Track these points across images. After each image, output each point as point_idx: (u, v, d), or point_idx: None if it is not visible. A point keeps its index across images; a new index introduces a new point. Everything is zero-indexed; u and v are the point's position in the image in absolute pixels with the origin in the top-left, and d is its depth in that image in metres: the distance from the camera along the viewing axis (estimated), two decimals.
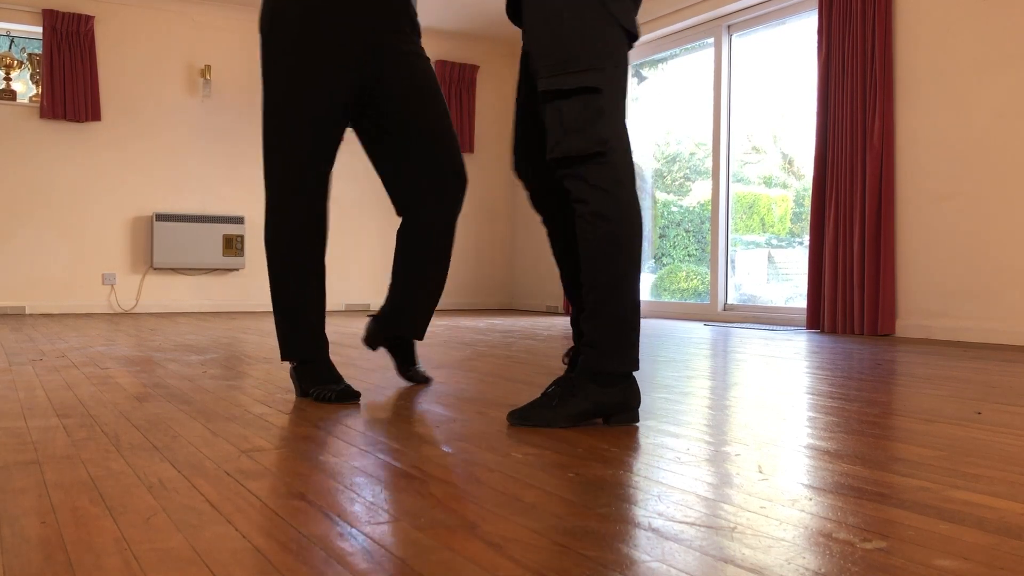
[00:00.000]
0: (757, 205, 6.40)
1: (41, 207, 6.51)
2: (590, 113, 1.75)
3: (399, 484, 1.32)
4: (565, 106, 1.76)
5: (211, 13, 7.03)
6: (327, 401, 2.14)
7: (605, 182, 1.76)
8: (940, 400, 2.28)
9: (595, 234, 1.77)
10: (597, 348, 1.80)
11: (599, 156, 1.76)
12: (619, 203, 1.77)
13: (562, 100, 1.76)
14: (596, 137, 1.74)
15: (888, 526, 1.11)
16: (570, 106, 1.75)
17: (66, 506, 1.18)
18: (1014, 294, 4.30)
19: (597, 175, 1.76)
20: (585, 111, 1.74)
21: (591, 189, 1.76)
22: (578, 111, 1.75)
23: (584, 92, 1.75)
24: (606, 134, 1.75)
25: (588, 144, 1.74)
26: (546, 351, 3.66)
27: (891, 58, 4.85)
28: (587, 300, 1.80)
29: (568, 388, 1.82)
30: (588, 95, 1.75)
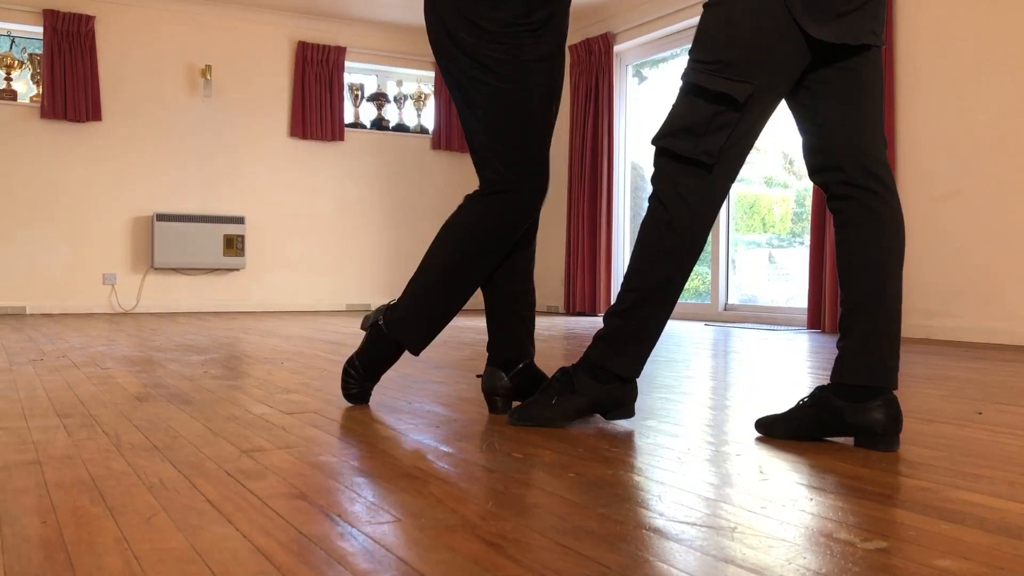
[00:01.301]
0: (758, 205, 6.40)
1: (41, 207, 6.51)
2: (719, 123, 1.66)
3: (399, 484, 1.32)
4: (700, 105, 1.67)
5: (211, 13, 7.03)
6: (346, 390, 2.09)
7: (692, 196, 1.70)
8: (941, 400, 2.28)
9: (658, 241, 1.73)
10: (611, 345, 1.78)
11: (702, 166, 1.68)
12: (696, 220, 1.71)
13: (700, 99, 1.67)
14: (709, 148, 1.66)
15: (889, 526, 1.11)
16: (705, 107, 1.67)
17: (66, 506, 1.18)
18: (1014, 294, 4.30)
19: (690, 185, 1.70)
20: (715, 120, 1.66)
21: (677, 196, 1.70)
22: (709, 115, 1.66)
23: (724, 101, 1.65)
24: (720, 150, 1.67)
25: (698, 151, 1.67)
26: (546, 351, 3.66)
27: (891, 57, 4.85)
28: (623, 297, 1.77)
29: (567, 384, 1.83)
30: (725, 107, 1.66)
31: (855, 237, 1.69)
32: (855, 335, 1.66)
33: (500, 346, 2.07)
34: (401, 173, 7.72)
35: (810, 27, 1.60)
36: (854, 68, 1.69)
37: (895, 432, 1.62)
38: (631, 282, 1.76)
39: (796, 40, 1.62)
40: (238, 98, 7.12)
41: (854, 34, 1.64)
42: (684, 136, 1.67)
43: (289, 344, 3.87)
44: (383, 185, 7.65)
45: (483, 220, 2.00)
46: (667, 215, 1.71)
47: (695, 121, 1.66)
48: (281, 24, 7.27)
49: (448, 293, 2.03)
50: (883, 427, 1.61)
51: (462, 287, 2.03)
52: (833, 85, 1.71)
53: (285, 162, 7.30)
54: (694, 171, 1.68)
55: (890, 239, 1.67)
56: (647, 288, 1.74)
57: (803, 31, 1.61)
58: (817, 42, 1.64)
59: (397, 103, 7.83)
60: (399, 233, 7.71)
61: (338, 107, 7.38)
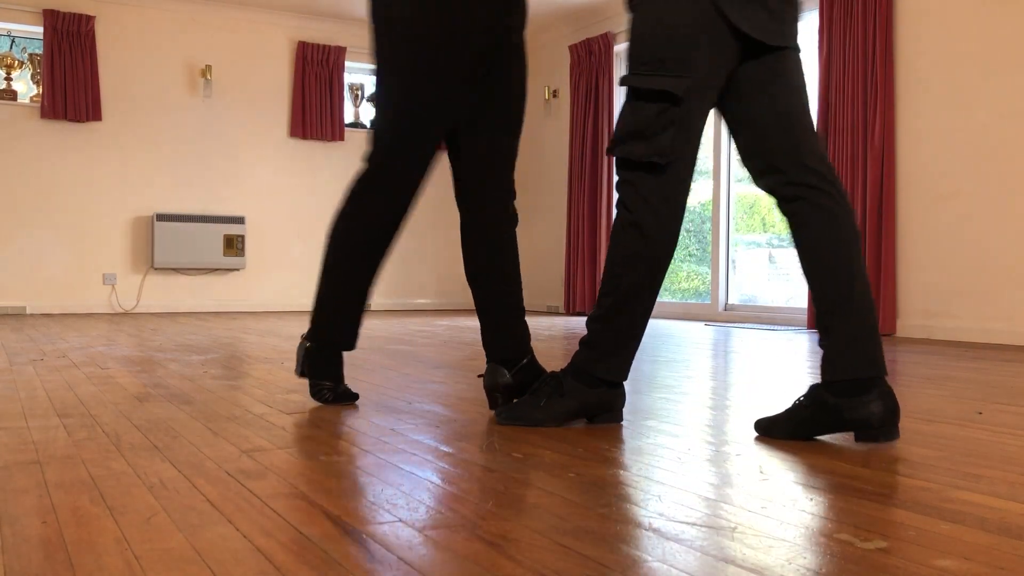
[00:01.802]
0: (758, 205, 6.40)
1: (42, 207, 6.51)
2: (663, 122, 1.70)
3: (400, 484, 1.32)
4: (641, 108, 1.71)
5: (211, 13, 7.03)
6: (325, 401, 2.12)
7: (654, 196, 1.73)
8: (941, 400, 2.28)
9: (629, 244, 1.75)
10: (595, 351, 1.80)
11: (656, 167, 1.71)
12: (661, 220, 1.73)
13: (641, 101, 1.71)
14: (660, 148, 1.70)
15: (889, 526, 1.11)
16: (646, 109, 1.70)
17: (67, 506, 1.18)
18: (1014, 294, 4.30)
19: (649, 186, 1.72)
20: (659, 119, 1.70)
21: (638, 198, 1.73)
22: (652, 117, 1.70)
23: (663, 99, 1.69)
24: (670, 148, 1.70)
25: (649, 152, 1.70)
26: (546, 351, 3.66)
27: (892, 58, 4.85)
28: (601, 302, 1.80)
29: (556, 387, 1.84)
30: (666, 103, 1.69)
31: (816, 237, 1.72)
32: (837, 333, 1.67)
33: (499, 345, 2.08)
34: None
35: (733, 15, 1.65)
36: (778, 69, 1.75)
37: (893, 422, 1.63)
38: (607, 287, 1.78)
39: (723, 33, 1.67)
40: (238, 98, 7.12)
41: (772, 34, 1.70)
42: (634, 141, 1.70)
43: (289, 344, 3.87)
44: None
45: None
46: (632, 218, 1.74)
47: (641, 125, 1.70)
48: (281, 24, 7.27)
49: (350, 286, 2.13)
50: (880, 419, 1.62)
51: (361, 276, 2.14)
52: (759, 85, 1.76)
53: (285, 162, 7.30)
54: (649, 173, 1.71)
55: (847, 232, 1.70)
56: (623, 292, 1.76)
57: (728, 24, 1.66)
58: (741, 39, 1.69)
59: None
60: None
61: (338, 107, 7.38)
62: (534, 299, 7.98)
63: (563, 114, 7.56)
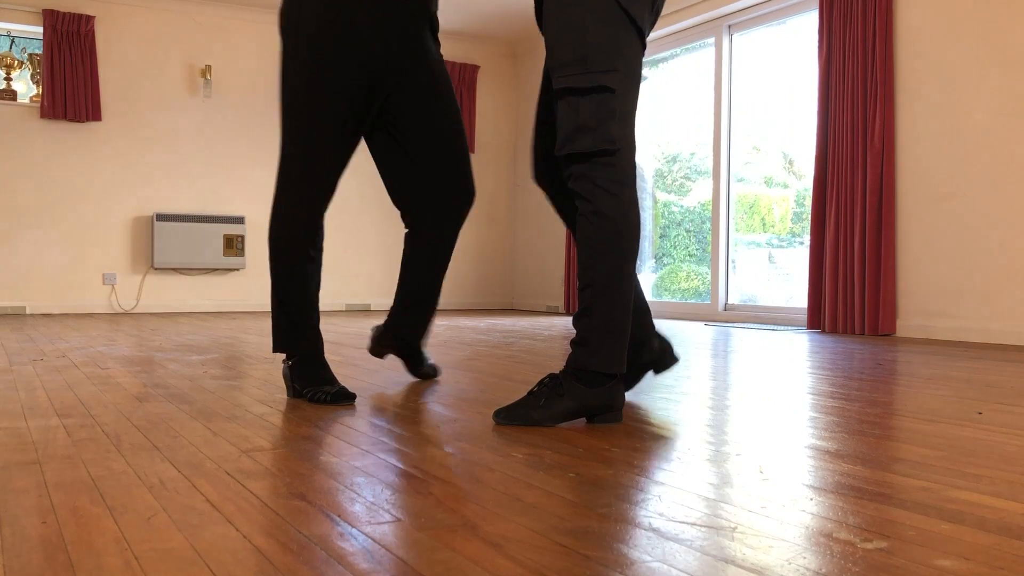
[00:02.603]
0: (758, 205, 6.40)
1: (42, 207, 6.51)
2: (603, 113, 1.78)
3: (399, 484, 1.32)
4: (581, 104, 1.79)
5: (211, 13, 7.03)
6: (322, 403, 2.13)
7: (609, 182, 1.80)
8: (941, 400, 2.28)
9: (595, 233, 1.80)
10: (587, 347, 1.82)
11: (607, 155, 1.79)
12: (621, 203, 1.80)
13: (577, 97, 1.79)
14: (606, 136, 1.78)
15: (889, 526, 1.11)
16: (585, 104, 1.78)
17: (66, 506, 1.18)
18: (1014, 294, 4.30)
19: (603, 174, 1.80)
20: (599, 110, 1.78)
21: (595, 188, 1.80)
22: (592, 110, 1.78)
23: (599, 91, 1.78)
24: (616, 134, 1.79)
25: (597, 142, 1.78)
26: (547, 351, 3.66)
27: (891, 57, 4.85)
28: (581, 297, 1.84)
29: (555, 387, 1.84)
30: (603, 95, 1.78)
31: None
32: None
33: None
34: None
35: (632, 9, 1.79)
36: None
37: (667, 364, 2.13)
38: (584, 280, 1.84)
39: (630, 29, 1.82)
40: (238, 98, 7.12)
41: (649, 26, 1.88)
42: (580, 136, 1.79)
43: None
44: (383, 185, 7.65)
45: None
46: (593, 207, 1.81)
47: (583, 119, 1.79)
48: None
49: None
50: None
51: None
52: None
53: None
54: (601, 161, 1.80)
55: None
56: (600, 281, 1.81)
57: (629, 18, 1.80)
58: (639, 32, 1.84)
59: None
60: (399, 233, 7.71)
61: None
62: (534, 299, 7.99)
63: None
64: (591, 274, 1.82)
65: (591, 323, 1.82)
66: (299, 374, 2.22)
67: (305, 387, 2.18)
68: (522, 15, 7.41)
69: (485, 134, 8.14)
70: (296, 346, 2.25)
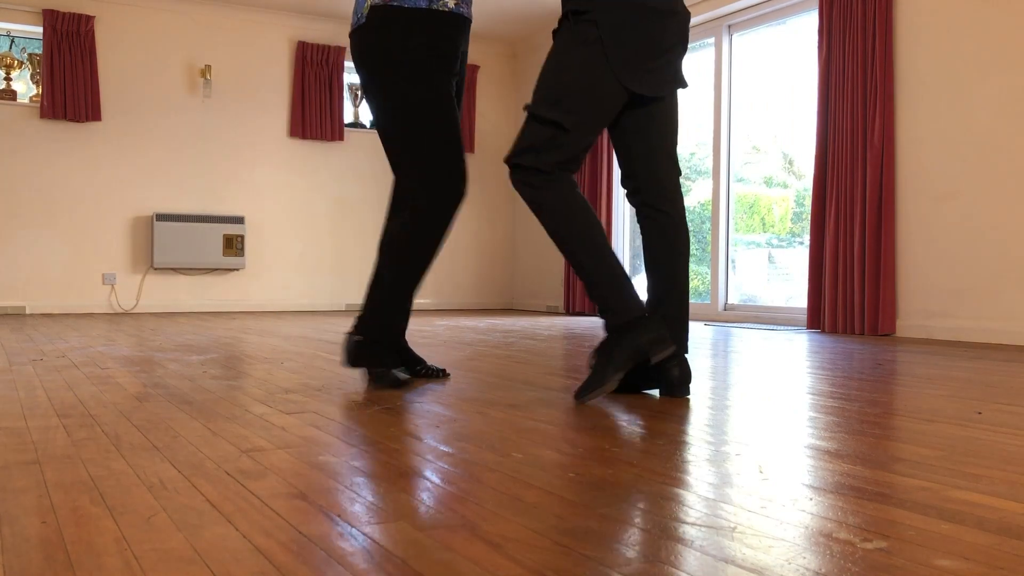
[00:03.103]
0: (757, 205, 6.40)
1: (41, 207, 6.51)
2: (552, 144, 2.15)
3: (399, 484, 1.32)
4: (538, 129, 2.16)
5: (211, 13, 7.03)
6: (384, 386, 2.41)
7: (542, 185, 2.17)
8: (941, 400, 2.28)
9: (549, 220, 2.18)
10: (607, 308, 2.16)
11: (539, 173, 2.17)
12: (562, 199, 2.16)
13: (538, 123, 2.16)
14: (545, 161, 2.16)
15: (888, 526, 1.11)
16: (542, 131, 2.16)
17: (66, 506, 1.18)
18: (1014, 294, 4.30)
19: (536, 181, 2.17)
20: (550, 141, 2.15)
21: (533, 191, 2.18)
22: (545, 137, 2.15)
23: (555, 125, 2.14)
24: (553, 162, 2.16)
25: (538, 164, 2.16)
26: (546, 351, 3.66)
27: (891, 57, 4.85)
28: (580, 273, 2.19)
29: (606, 351, 2.15)
30: (557, 129, 2.15)
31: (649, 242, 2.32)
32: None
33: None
34: None
35: (626, 81, 2.15)
36: (652, 111, 2.28)
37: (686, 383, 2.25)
38: (571, 259, 2.18)
39: (614, 87, 2.16)
40: (238, 98, 7.12)
41: (656, 86, 2.22)
42: (528, 153, 2.17)
43: (289, 344, 3.87)
44: (383, 185, 7.65)
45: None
46: (537, 203, 2.18)
47: (535, 141, 2.16)
48: (281, 24, 7.27)
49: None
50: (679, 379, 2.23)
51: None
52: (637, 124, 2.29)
53: (285, 162, 7.30)
54: (534, 176, 2.17)
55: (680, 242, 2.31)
56: (580, 251, 2.16)
57: (619, 82, 2.15)
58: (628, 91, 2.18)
59: None
60: None
61: (338, 107, 7.38)
62: (534, 299, 7.99)
63: None
64: (571, 252, 2.17)
65: (596, 294, 2.17)
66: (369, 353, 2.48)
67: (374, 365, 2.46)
68: (522, 15, 7.41)
69: (485, 134, 8.14)
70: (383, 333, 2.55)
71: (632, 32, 2.14)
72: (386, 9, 2.44)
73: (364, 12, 2.47)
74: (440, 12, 2.46)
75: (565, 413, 2.01)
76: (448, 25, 2.48)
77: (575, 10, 2.17)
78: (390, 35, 2.44)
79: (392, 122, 2.52)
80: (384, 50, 2.45)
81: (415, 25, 2.44)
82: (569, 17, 2.19)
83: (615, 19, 2.13)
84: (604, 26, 2.13)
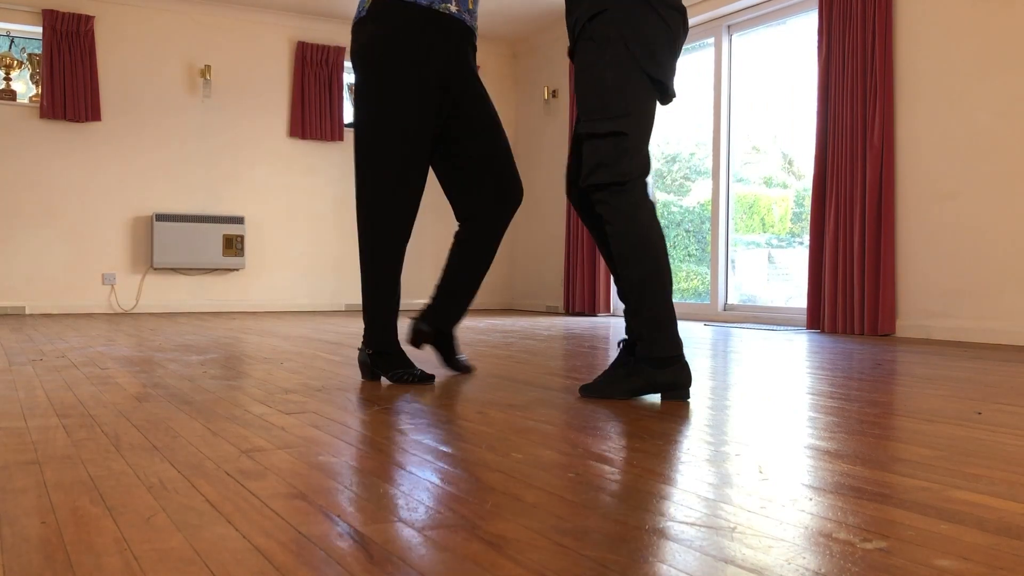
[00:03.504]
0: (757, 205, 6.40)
1: (41, 207, 6.51)
2: (618, 152, 2.17)
3: (399, 484, 1.32)
4: (600, 145, 2.18)
5: (211, 13, 7.03)
6: (406, 383, 2.49)
7: (625, 207, 2.18)
8: (940, 400, 2.28)
9: (622, 247, 2.18)
10: (644, 340, 2.19)
11: (619, 186, 2.17)
12: (637, 224, 2.18)
13: (598, 140, 2.19)
14: (620, 171, 2.17)
15: (888, 526, 1.11)
16: (604, 146, 2.18)
17: (66, 506, 1.18)
18: (1014, 294, 4.30)
19: (618, 201, 2.18)
20: (614, 151, 2.17)
21: (615, 212, 2.19)
22: (608, 150, 2.17)
23: (615, 135, 2.17)
24: (628, 169, 2.17)
25: (613, 176, 2.17)
26: (546, 351, 3.66)
27: (891, 57, 4.85)
28: (628, 300, 2.22)
29: (631, 369, 2.22)
30: (618, 138, 2.17)
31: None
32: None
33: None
34: None
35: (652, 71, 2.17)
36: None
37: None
38: (625, 288, 2.22)
39: (644, 81, 2.19)
40: (237, 98, 7.12)
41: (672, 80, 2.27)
42: (600, 170, 2.19)
43: (288, 344, 3.87)
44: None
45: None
46: (616, 227, 2.19)
47: (601, 157, 2.18)
48: (281, 24, 7.27)
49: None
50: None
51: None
52: None
53: (284, 162, 7.30)
54: (616, 190, 2.19)
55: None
56: (636, 286, 2.18)
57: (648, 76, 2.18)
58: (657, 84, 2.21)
59: None
60: None
61: (337, 107, 7.38)
62: (534, 299, 7.99)
63: (562, 114, 7.56)
64: (628, 280, 2.19)
65: (640, 320, 2.19)
66: (381, 363, 2.56)
67: (388, 371, 2.53)
68: (522, 16, 7.41)
69: None
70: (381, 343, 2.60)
71: (650, 26, 2.17)
72: (386, 3, 2.49)
73: (365, 6, 2.53)
74: (440, 13, 2.50)
75: (565, 413, 2.01)
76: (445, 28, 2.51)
77: (591, 14, 2.19)
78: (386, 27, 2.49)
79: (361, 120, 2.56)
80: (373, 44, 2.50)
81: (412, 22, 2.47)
82: (586, 27, 2.20)
83: (632, 13, 2.15)
84: (623, 21, 2.14)
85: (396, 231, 2.53)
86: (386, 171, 2.50)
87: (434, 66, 2.51)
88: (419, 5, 2.47)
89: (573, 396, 2.28)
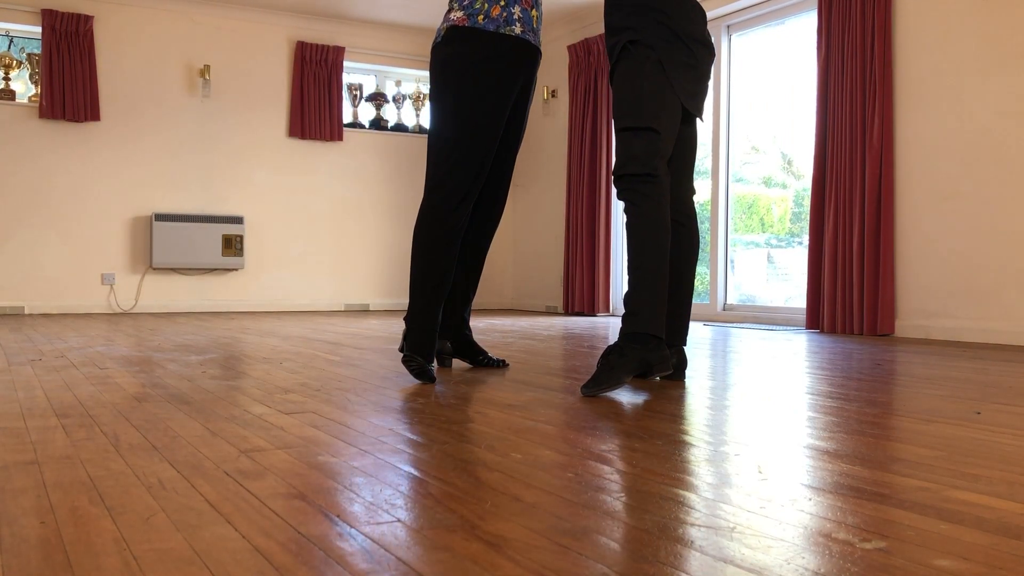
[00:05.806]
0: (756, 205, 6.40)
1: (40, 207, 6.51)
2: (651, 149, 2.38)
3: (399, 484, 1.32)
4: (634, 139, 2.39)
5: (211, 13, 7.03)
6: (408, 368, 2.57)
7: (653, 194, 2.38)
8: (939, 400, 2.28)
9: (641, 233, 2.35)
10: (639, 316, 2.33)
11: (650, 177, 2.38)
12: (658, 209, 2.38)
13: (631, 134, 2.39)
14: (652, 165, 2.38)
15: (888, 526, 1.11)
16: (638, 140, 2.39)
17: (65, 506, 1.18)
18: (1014, 294, 4.30)
19: (648, 189, 2.38)
20: (647, 146, 2.38)
21: (643, 198, 2.37)
22: (642, 144, 2.38)
23: (648, 131, 2.38)
24: (657, 165, 2.38)
25: (644, 168, 2.37)
26: (546, 351, 3.66)
27: (891, 58, 4.85)
28: (632, 279, 2.36)
29: (618, 352, 2.31)
30: (651, 134, 2.38)
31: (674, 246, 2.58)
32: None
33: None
34: (400, 173, 7.73)
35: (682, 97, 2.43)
36: (684, 133, 2.56)
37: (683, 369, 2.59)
38: (633, 266, 2.36)
39: (675, 100, 2.43)
40: (237, 98, 7.12)
41: (700, 108, 2.53)
42: (632, 162, 2.39)
43: (288, 344, 3.87)
44: (382, 185, 7.65)
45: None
46: (639, 211, 2.38)
47: (634, 151, 2.39)
48: (280, 24, 7.27)
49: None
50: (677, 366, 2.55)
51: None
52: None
53: (284, 162, 7.30)
54: (644, 182, 2.38)
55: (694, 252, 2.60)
56: (646, 266, 2.34)
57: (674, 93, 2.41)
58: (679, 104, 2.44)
59: (396, 103, 7.83)
60: (397, 233, 7.71)
61: (337, 107, 7.37)
62: (533, 299, 7.99)
63: (562, 114, 7.56)
64: (639, 260, 2.35)
65: (638, 297, 2.34)
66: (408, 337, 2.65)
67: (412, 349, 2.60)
68: None
69: None
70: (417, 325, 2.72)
71: (682, 56, 2.43)
72: (457, 29, 2.66)
73: (442, 31, 2.70)
74: (507, 36, 2.67)
75: (565, 413, 2.01)
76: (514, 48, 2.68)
77: (631, 40, 2.43)
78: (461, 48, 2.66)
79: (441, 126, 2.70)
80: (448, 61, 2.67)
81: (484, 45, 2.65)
82: (627, 47, 2.44)
83: (667, 46, 2.41)
84: (659, 50, 2.41)
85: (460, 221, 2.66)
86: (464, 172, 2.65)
87: (506, 86, 2.67)
88: (486, 31, 2.63)
89: (573, 396, 2.28)
